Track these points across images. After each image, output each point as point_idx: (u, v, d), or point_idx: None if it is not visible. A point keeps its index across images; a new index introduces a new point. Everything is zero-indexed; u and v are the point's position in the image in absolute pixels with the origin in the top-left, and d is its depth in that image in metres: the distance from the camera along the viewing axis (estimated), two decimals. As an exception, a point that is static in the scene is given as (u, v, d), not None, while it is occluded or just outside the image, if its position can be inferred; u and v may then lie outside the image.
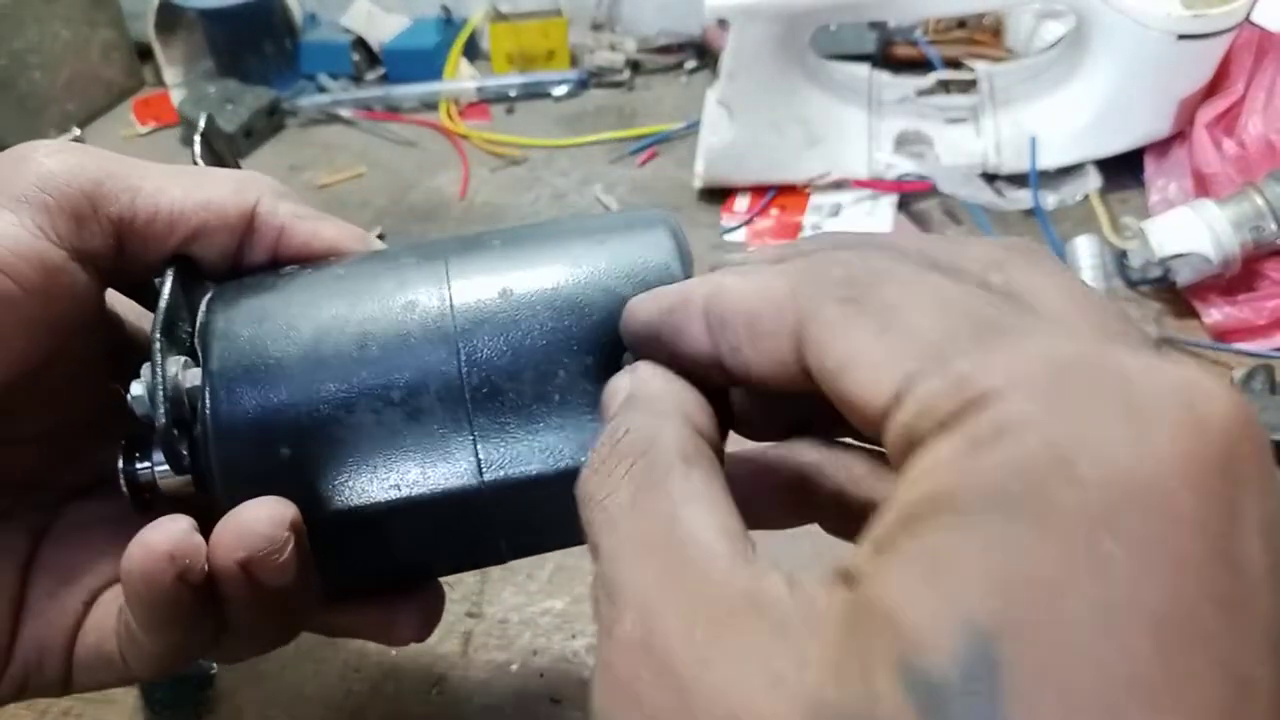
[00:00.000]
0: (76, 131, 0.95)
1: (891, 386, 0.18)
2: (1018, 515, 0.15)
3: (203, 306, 0.29)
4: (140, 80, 1.05)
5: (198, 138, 0.33)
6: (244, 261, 0.30)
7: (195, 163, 0.32)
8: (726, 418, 0.24)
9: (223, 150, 0.35)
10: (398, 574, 0.31)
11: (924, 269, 0.20)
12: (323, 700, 0.43)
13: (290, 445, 0.26)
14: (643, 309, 0.24)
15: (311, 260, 0.30)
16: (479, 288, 0.28)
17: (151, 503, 0.28)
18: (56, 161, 0.27)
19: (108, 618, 0.29)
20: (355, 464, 0.27)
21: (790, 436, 0.27)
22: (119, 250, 0.28)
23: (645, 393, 0.23)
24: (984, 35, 0.88)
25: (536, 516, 0.28)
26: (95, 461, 0.31)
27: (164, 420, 0.26)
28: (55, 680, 0.29)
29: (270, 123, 0.93)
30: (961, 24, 0.89)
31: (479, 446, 0.27)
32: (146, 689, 0.42)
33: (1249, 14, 0.65)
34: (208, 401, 0.26)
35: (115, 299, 0.32)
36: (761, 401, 0.26)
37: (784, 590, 0.17)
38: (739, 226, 0.71)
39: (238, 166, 0.36)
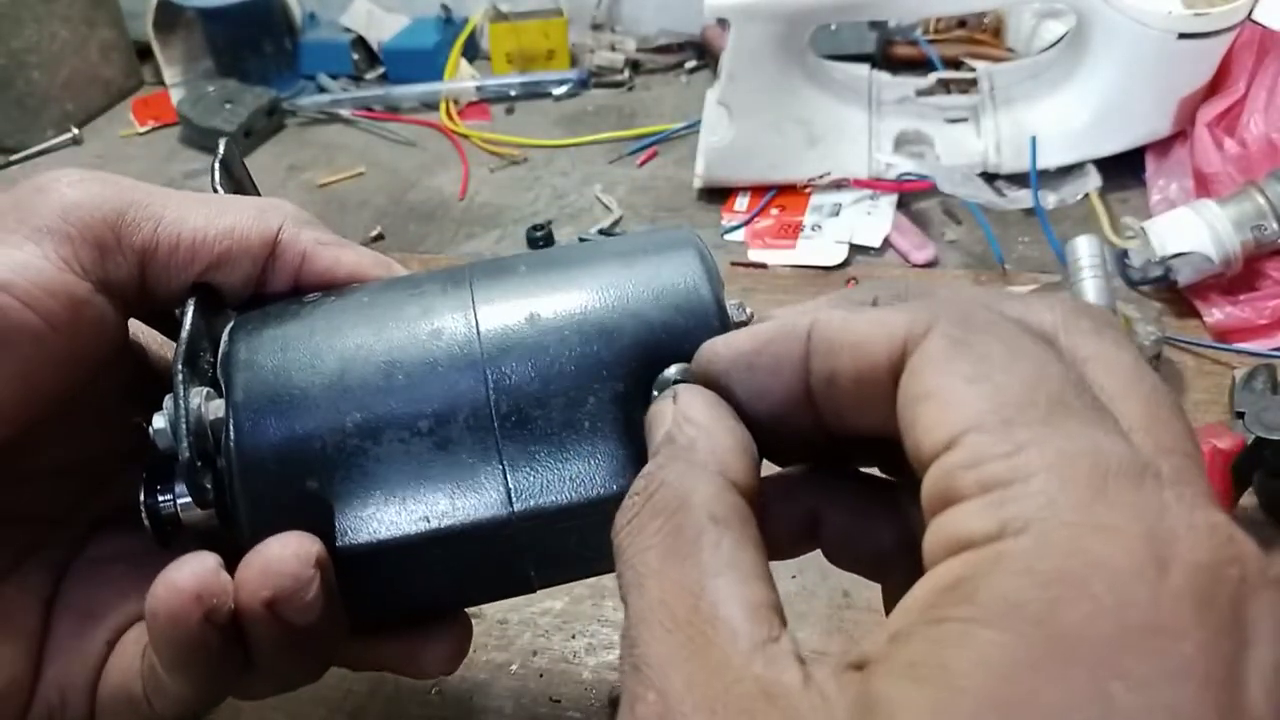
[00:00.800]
0: (75, 131, 0.95)
1: (954, 429, 0.18)
2: (1031, 636, 0.15)
3: (225, 336, 0.28)
4: (139, 80, 1.05)
5: (216, 164, 0.32)
6: (267, 289, 0.30)
7: (214, 190, 0.32)
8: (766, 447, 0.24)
9: (241, 176, 0.35)
10: (426, 606, 0.30)
11: (1021, 330, 0.20)
12: (322, 700, 0.43)
13: (317, 477, 0.26)
14: (728, 346, 0.24)
15: (335, 287, 0.30)
16: (505, 313, 0.27)
17: (174, 536, 0.27)
18: (79, 191, 0.27)
19: (131, 658, 0.28)
20: (383, 496, 0.26)
21: (805, 461, 0.27)
22: (142, 280, 0.28)
23: (685, 436, 0.23)
24: (984, 35, 0.88)
25: (567, 547, 0.28)
26: (119, 494, 0.31)
27: (187, 453, 0.25)
28: (78, 715, 0.29)
29: (270, 122, 0.93)
30: (961, 24, 0.89)
31: (509, 476, 0.26)
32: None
33: (1250, 13, 0.65)
34: (232, 434, 0.26)
35: (138, 328, 0.31)
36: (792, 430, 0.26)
37: (798, 682, 0.17)
38: (739, 226, 0.71)
39: (257, 192, 0.36)
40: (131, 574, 0.29)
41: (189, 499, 0.26)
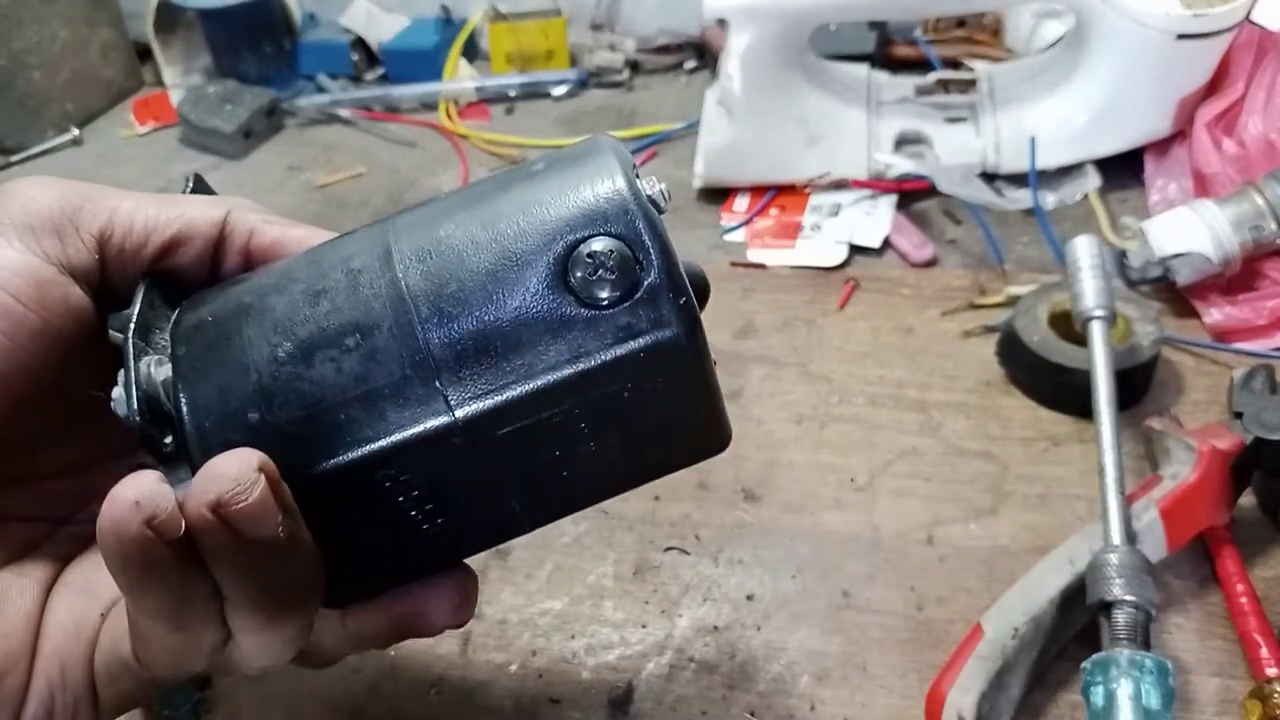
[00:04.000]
0: (75, 131, 0.95)
1: None
2: None
3: (178, 311, 0.30)
4: (139, 80, 1.05)
5: (186, 192, 0.34)
6: (220, 271, 0.32)
7: None
8: None
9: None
10: (411, 555, 0.30)
11: None
12: (321, 700, 0.43)
13: (257, 409, 0.26)
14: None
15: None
16: (420, 228, 0.28)
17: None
18: (38, 191, 0.29)
19: (120, 622, 0.29)
20: (324, 418, 0.26)
21: None
22: (103, 265, 0.30)
23: None
24: (983, 35, 0.88)
25: (532, 460, 0.28)
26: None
27: (139, 413, 0.26)
28: (82, 698, 0.29)
29: (269, 123, 0.93)
30: (961, 24, 0.89)
31: (443, 382, 0.26)
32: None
33: (1249, 13, 0.65)
34: (178, 386, 0.27)
35: (120, 336, 0.32)
36: None
37: None
38: (738, 226, 0.71)
39: None
40: None
41: (173, 474, 0.26)
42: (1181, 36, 0.63)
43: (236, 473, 0.24)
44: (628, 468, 0.29)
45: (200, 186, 0.35)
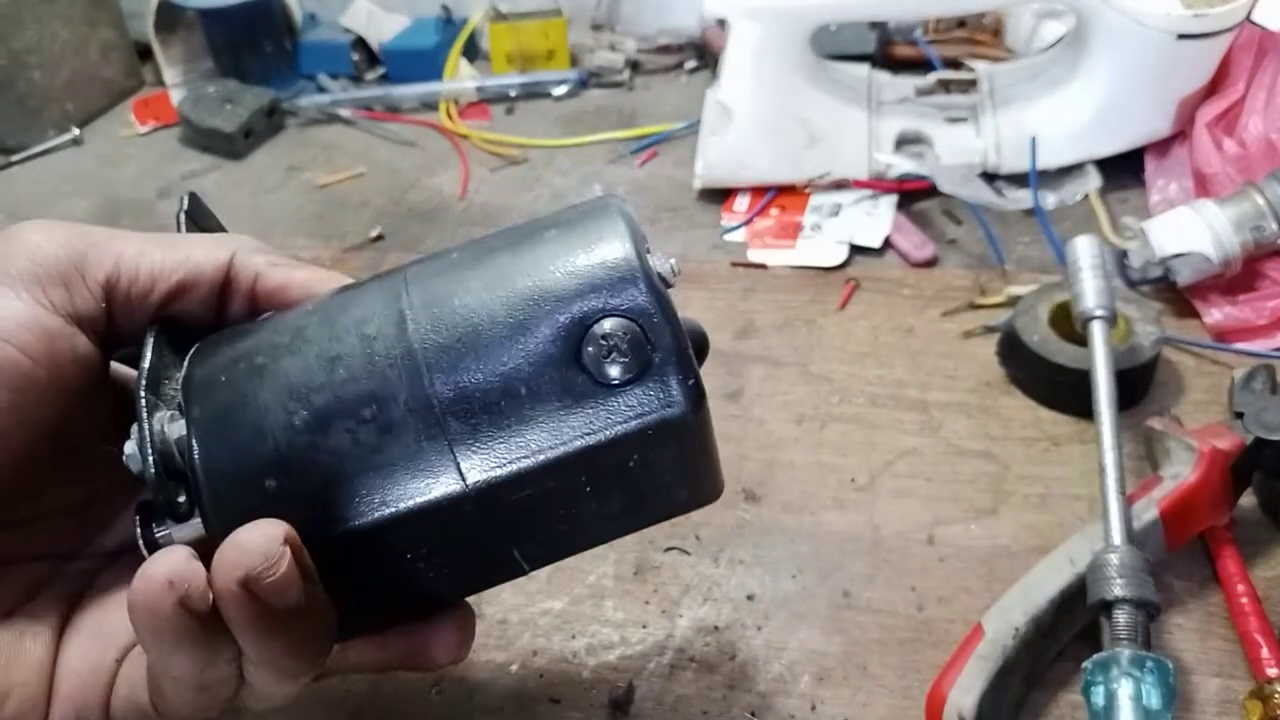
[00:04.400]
0: (75, 131, 0.95)
1: None
2: None
3: (186, 361, 0.30)
4: (140, 80, 1.05)
5: (181, 216, 0.34)
6: (228, 315, 0.32)
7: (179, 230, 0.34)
8: None
9: (209, 225, 0.36)
10: (417, 598, 0.31)
11: None
12: (321, 701, 0.43)
13: (275, 476, 0.27)
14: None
15: (289, 304, 0.31)
16: (436, 297, 0.28)
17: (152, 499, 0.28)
18: (44, 237, 0.29)
19: (137, 668, 0.29)
20: (340, 486, 0.27)
21: None
22: (109, 313, 0.30)
23: None
24: (984, 35, 0.88)
25: (539, 520, 0.28)
26: (124, 530, 0.33)
27: (153, 471, 0.26)
28: None
29: (270, 123, 0.93)
30: (961, 24, 0.89)
31: (456, 452, 0.27)
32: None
33: (1249, 13, 0.65)
34: (194, 446, 0.27)
35: (122, 373, 0.33)
36: None
37: None
38: (739, 226, 0.71)
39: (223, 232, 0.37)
40: None
41: (182, 528, 0.27)
42: (1182, 36, 0.63)
43: (264, 548, 0.25)
44: (628, 520, 0.30)
45: (196, 206, 0.35)
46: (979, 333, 0.59)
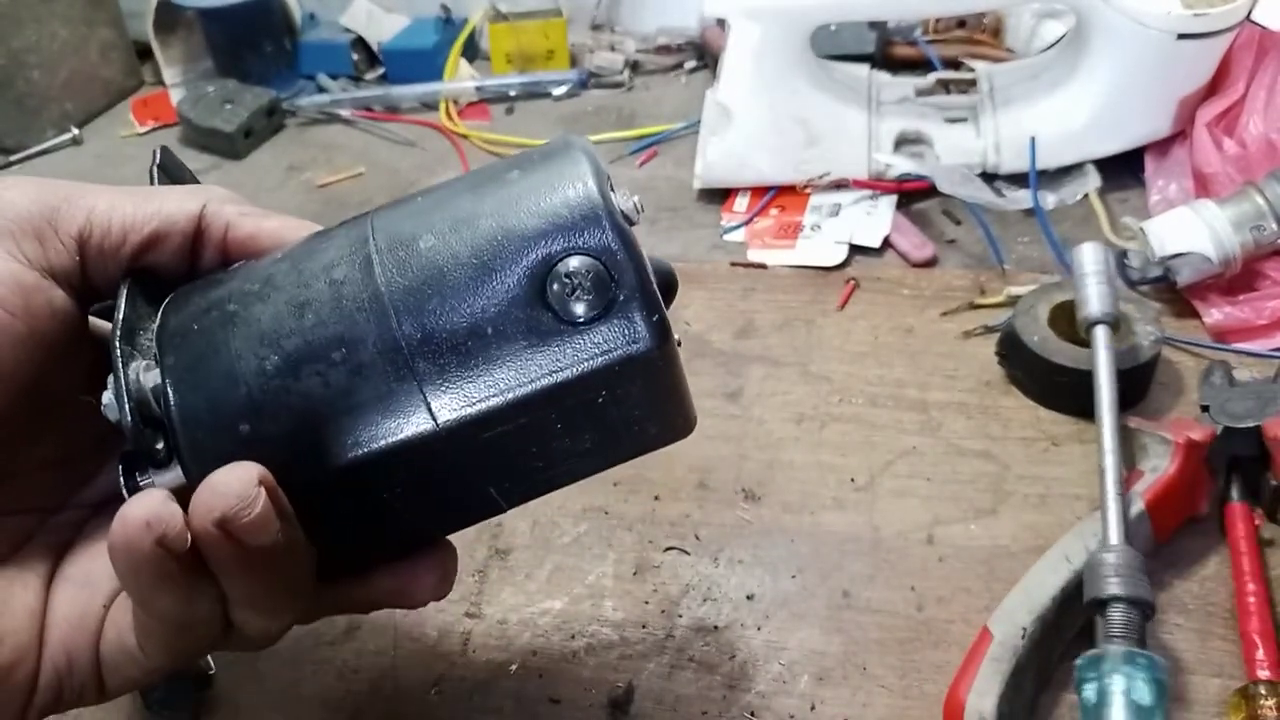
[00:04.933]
0: (75, 131, 0.95)
1: None
2: None
3: (159, 312, 0.30)
4: (139, 80, 1.05)
5: (154, 169, 0.34)
6: (201, 265, 0.32)
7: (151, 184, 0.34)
8: None
9: (182, 178, 0.36)
10: (397, 537, 0.31)
11: None
12: (321, 700, 0.43)
13: (249, 421, 0.27)
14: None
15: (260, 252, 0.32)
16: (401, 240, 0.28)
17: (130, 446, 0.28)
18: (15, 193, 0.29)
19: (125, 615, 0.30)
20: (314, 429, 0.27)
21: None
22: (83, 266, 0.30)
23: None
24: (984, 35, 0.88)
25: (513, 457, 0.29)
26: (108, 480, 0.33)
27: (130, 420, 0.27)
28: (88, 684, 0.30)
29: (269, 123, 0.93)
30: (961, 24, 0.89)
31: (426, 392, 0.27)
32: (145, 689, 0.42)
33: (1249, 13, 0.65)
34: (169, 394, 0.28)
35: (102, 328, 0.33)
36: None
37: None
38: (739, 226, 0.71)
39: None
40: None
41: (164, 476, 0.28)
42: (1182, 36, 0.63)
43: (240, 489, 0.26)
44: (601, 456, 0.31)
45: (169, 161, 0.35)
46: (979, 333, 0.59)
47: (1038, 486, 0.49)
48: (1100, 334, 0.48)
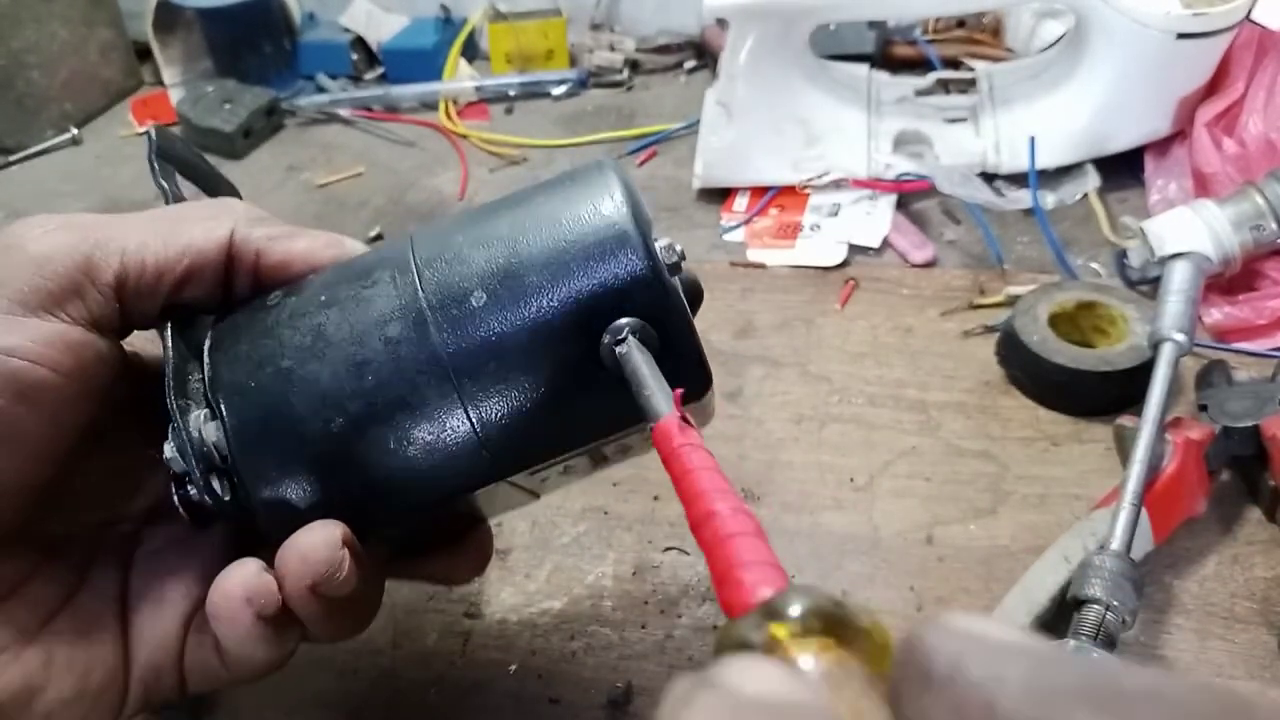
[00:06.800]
0: (74, 131, 0.95)
1: None
2: None
3: (205, 355, 0.30)
4: (139, 80, 1.05)
5: (153, 159, 0.34)
6: (233, 291, 0.32)
7: (159, 185, 0.34)
8: None
9: (185, 158, 0.35)
10: (446, 534, 0.35)
11: None
12: (320, 700, 0.43)
13: (319, 480, 0.29)
14: None
15: (292, 276, 0.32)
16: (453, 299, 0.29)
17: (209, 518, 0.29)
18: (46, 244, 0.29)
19: (207, 636, 0.31)
20: (384, 483, 0.29)
21: None
22: (121, 309, 0.30)
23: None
24: (983, 35, 0.88)
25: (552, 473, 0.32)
26: (156, 487, 0.34)
27: (199, 475, 0.28)
28: (173, 690, 0.32)
29: (269, 123, 0.93)
30: (961, 24, 0.89)
31: (488, 448, 0.29)
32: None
33: (1249, 13, 0.65)
34: (234, 458, 0.29)
35: (135, 345, 0.34)
36: None
37: None
38: (738, 226, 0.71)
39: (206, 165, 0.37)
40: (185, 559, 0.33)
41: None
42: (1181, 36, 0.63)
43: (327, 555, 0.28)
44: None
45: (166, 145, 0.34)
46: (978, 332, 0.59)
47: (1037, 486, 0.49)
48: (1167, 350, 0.48)
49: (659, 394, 0.26)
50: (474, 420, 0.29)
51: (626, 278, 0.28)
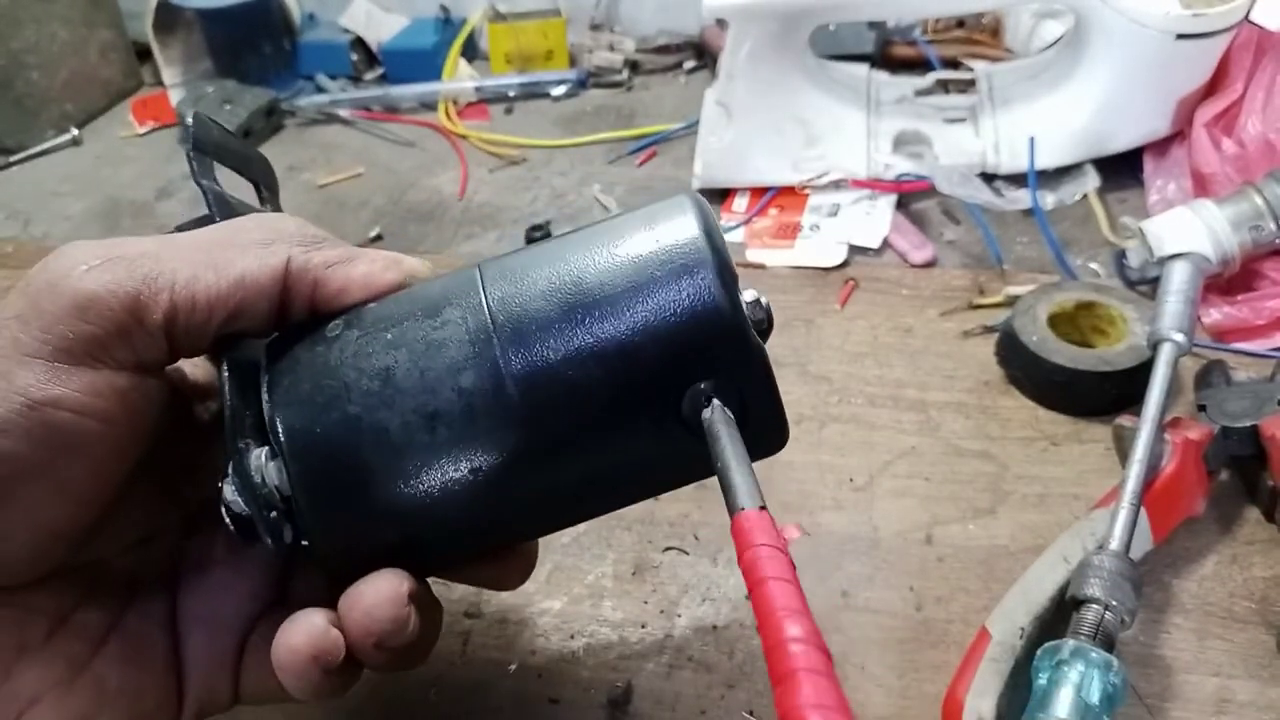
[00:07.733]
0: (75, 132, 0.95)
1: None
2: None
3: (265, 393, 0.29)
4: (139, 80, 1.05)
5: (190, 154, 0.32)
6: (288, 318, 0.30)
7: (198, 184, 0.32)
8: None
9: (225, 146, 0.34)
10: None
11: None
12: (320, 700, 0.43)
13: (388, 526, 0.29)
14: None
15: (350, 304, 0.31)
16: (529, 351, 0.28)
17: (256, 534, 0.29)
18: (91, 283, 0.27)
19: (264, 660, 0.30)
20: (455, 531, 0.29)
21: None
22: (170, 348, 0.29)
23: None
24: (983, 35, 0.88)
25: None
26: (195, 497, 0.34)
27: (263, 520, 0.27)
28: (225, 706, 0.32)
29: (269, 123, 0.93)
30: (960, 24, 0.89)
31: (557, 502, 0.30)
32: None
33: (1248, 13, 0.65)
34: (299, 504, 0.28)
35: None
36: None
37: None
38: (738, 226, 0.71)
39: (242, 150, 0.36)
40: (234, 576, 0.33)
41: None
42: (1181, 36, 0.63)
43: (394, 614, 0.28)
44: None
45: (203, 135, 0.33)
46: (978, 333, 0.59)
47: (1036, 486, 0.49)
48: (1166, 350, 0.48)
49: (744, 484, 0.25)
50: (547, 474, 0.28)
51: (713, 340, 0.27)
